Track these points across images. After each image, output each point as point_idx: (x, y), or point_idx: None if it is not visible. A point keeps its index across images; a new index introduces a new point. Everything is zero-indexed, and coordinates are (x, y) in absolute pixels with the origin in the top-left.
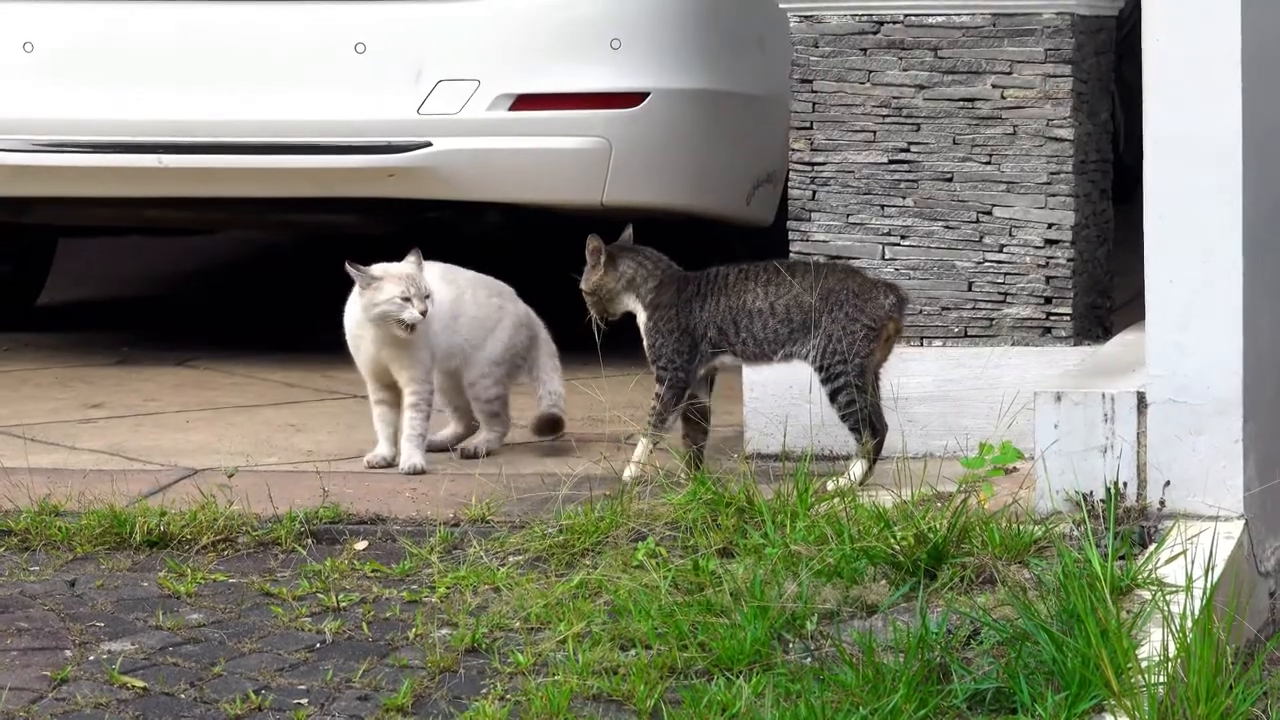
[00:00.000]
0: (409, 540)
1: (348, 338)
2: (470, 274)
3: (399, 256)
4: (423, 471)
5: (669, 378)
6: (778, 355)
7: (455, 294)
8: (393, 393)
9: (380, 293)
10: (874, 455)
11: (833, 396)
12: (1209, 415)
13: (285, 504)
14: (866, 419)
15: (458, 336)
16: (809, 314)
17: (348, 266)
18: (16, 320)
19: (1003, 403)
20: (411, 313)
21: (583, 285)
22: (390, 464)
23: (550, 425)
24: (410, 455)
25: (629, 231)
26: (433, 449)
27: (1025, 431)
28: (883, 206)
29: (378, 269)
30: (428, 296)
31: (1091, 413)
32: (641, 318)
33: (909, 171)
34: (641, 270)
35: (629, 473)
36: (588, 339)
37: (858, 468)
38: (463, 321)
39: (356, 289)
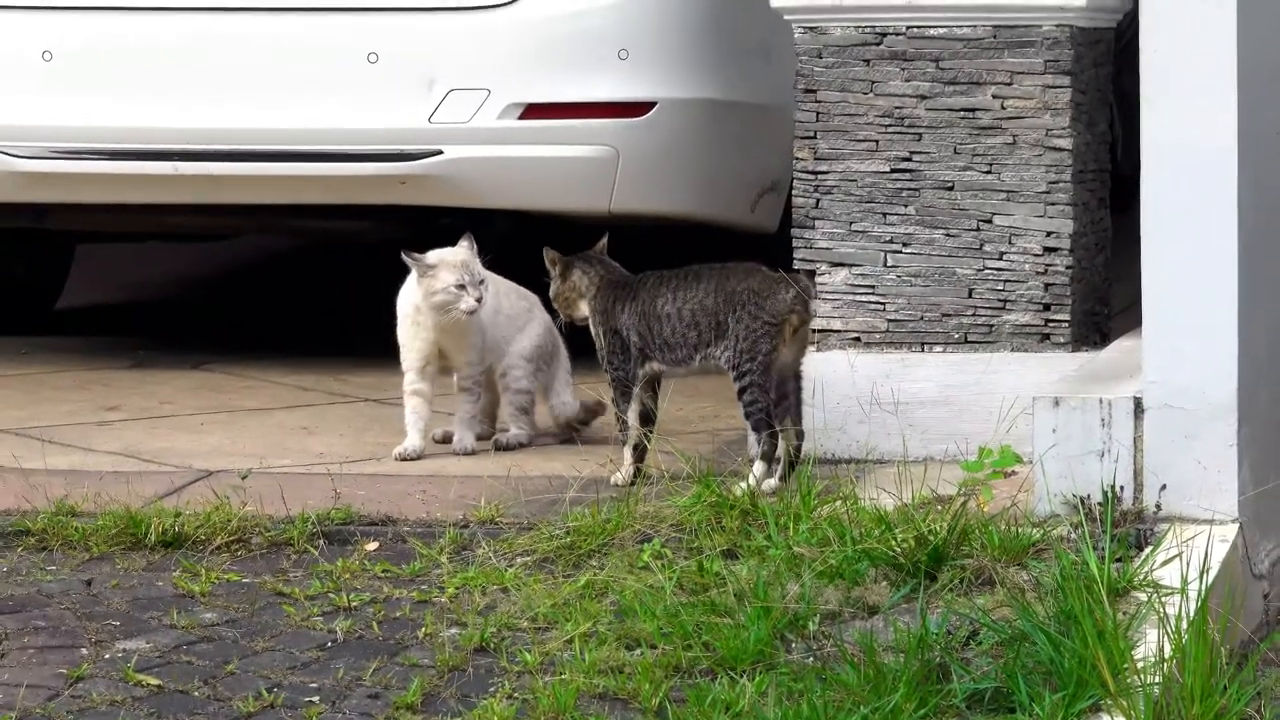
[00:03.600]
0: (419, 541)
1: (402, 323)
2: (500, 278)
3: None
4: (474, 452)
5: (612, 377)
6: (695, 360)
7: (493, 290)
8: (430, 385)
9: (437, 280)
10: (795, 458)
11: (740, 394)
12: (1205, 420)
13: (298, 505)
14: (766, 419)
15: (497, 331)
16: (712, 317)
17: (404, 255)
18: (35, 323)
19: (1002, 407)
20: (468, 302)
21: (550, 294)
22: (420, 456)
23: (591, 412)
24: (463, 437)
25: (603, 241)
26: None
27: (1024, 436)
28: (885, 214)
29: (433, 256)
30: (482, 282)
31: (1089, 417)
32: (589, 322)
33: (911, 180)
34: (585, 278)
35: (616, 478)
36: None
37: (759, 468)
38: (501, 318)
39: (412, 276)
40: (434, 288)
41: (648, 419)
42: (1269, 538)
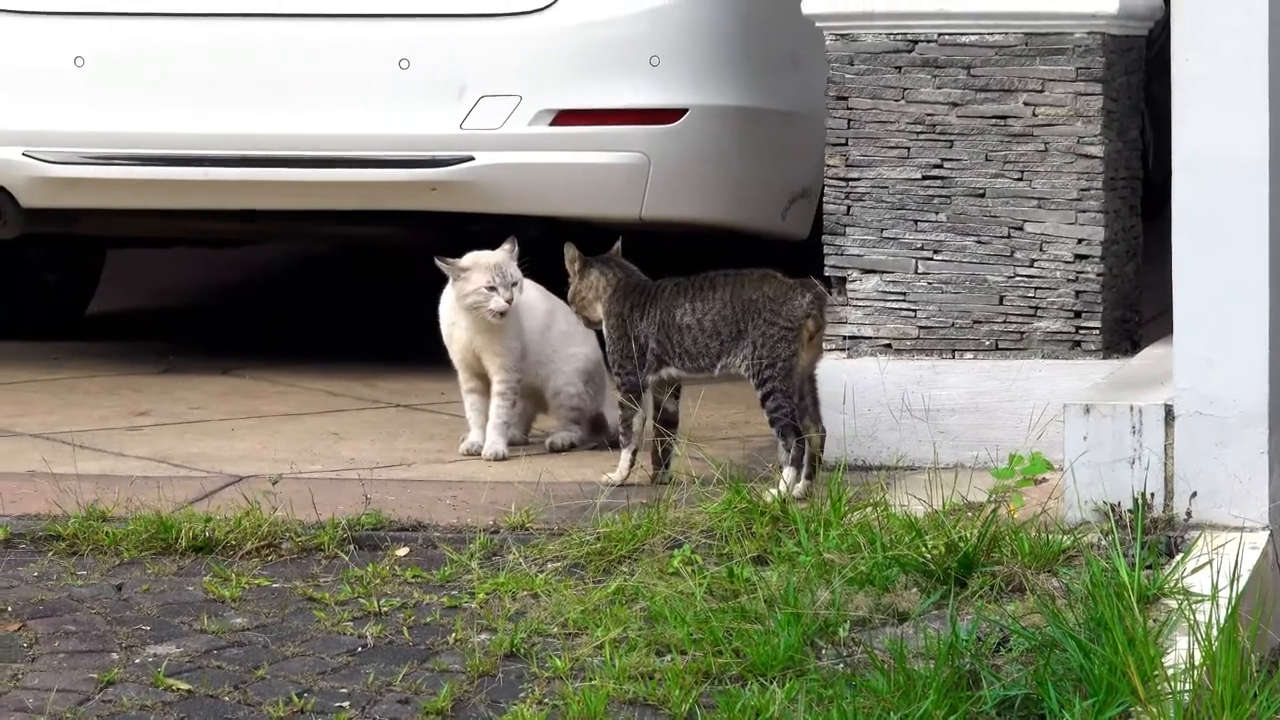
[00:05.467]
0: (449, 547)
1: (441, 328)
2: (555, 297)
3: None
4: (505, 458)
5: (621, 382)
6: (716, 368)
7: (549, 307)
8: (483, 382)
9: (469, 283)
10: (819, 458)
11: (763, 401)
12: (1235, 427)
13: (328, 511)
14: (792, 425)
15: (548, 346)
16: (732, 326)
17: (437, 261)
18: (66, 329)
19: (1032, 414)
20: (498, 302)
21: (569, 294)
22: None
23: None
24: (494, 442)
25: (618, 245)
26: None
27: (1055, 443)
28: (916, 221)
29: (467, 260)
30: (514, 284)
31: (1120, 425)
32: (603, 324)
33: (942, 187)
34: (603, 280)
35: (609, 478)
36: None
37: (788, 474)
38: (553, 334)
39: (450, 282)
40: (465, 290)
41: (671, 423)
42: None
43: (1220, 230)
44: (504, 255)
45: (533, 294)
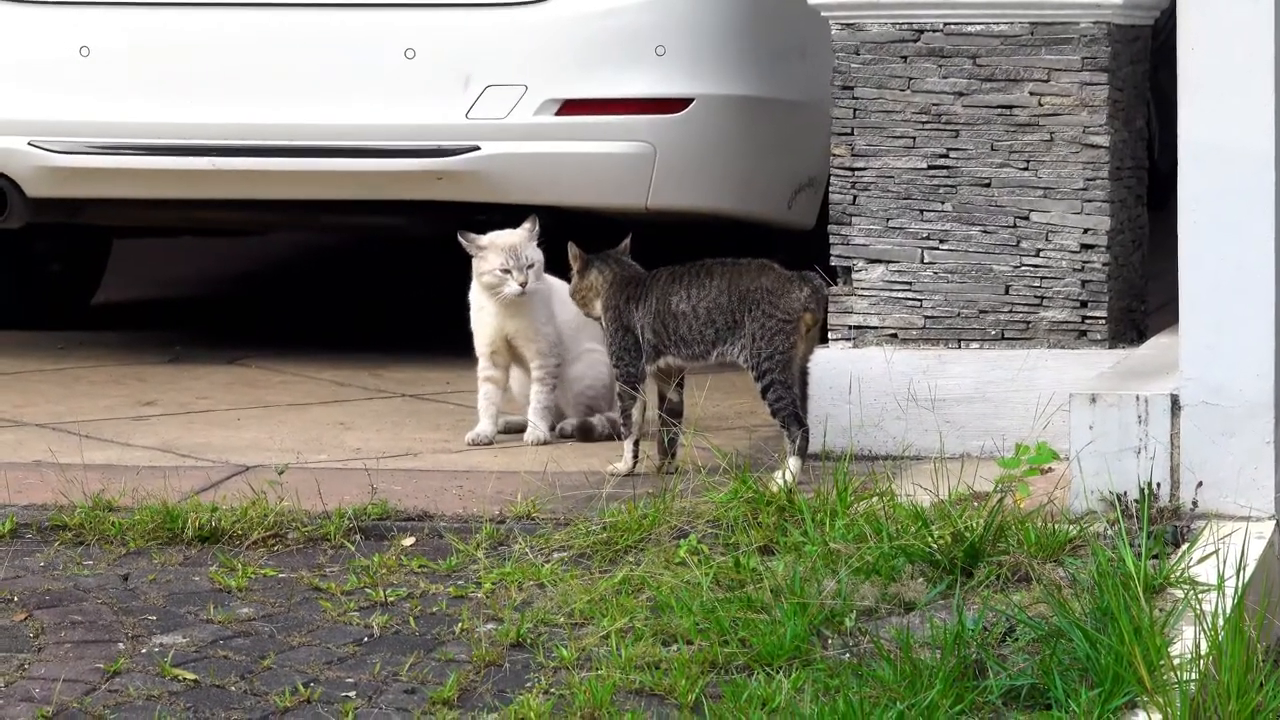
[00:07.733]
0: (455, 537)
1: (472, 308)
2: None
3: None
4: (547, 442)
5: (621, 374)
6: (711, 356)
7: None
8: (502, 372)
9: (485, 263)
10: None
11: (763, 393)
12: (1241, 417)
13: (334, 501)
14: (795, 414)
15: (577, 346)
16: (728, 315)
17: (459, 235)
18: (72, 319)
19: (1039, 404)
20: (512, 286)
21: (569, 291)
22: (491, 441)
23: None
24: (536, 426)
25: (626, 242)
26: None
27: (1061, 432)
28: (922, 211)
29: (485, 239)
30: (530, 267)
31: (1126, 414)
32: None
33: (948, 177)
34: (601, 276)
35: (614, 469)
36: None
37: (793, 463)
38: (585, 333)
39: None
40: (481, 269)
41: (676, 413)
42: None
43: (1226, 220)
44: (522, 236)
45: (562, 294)
